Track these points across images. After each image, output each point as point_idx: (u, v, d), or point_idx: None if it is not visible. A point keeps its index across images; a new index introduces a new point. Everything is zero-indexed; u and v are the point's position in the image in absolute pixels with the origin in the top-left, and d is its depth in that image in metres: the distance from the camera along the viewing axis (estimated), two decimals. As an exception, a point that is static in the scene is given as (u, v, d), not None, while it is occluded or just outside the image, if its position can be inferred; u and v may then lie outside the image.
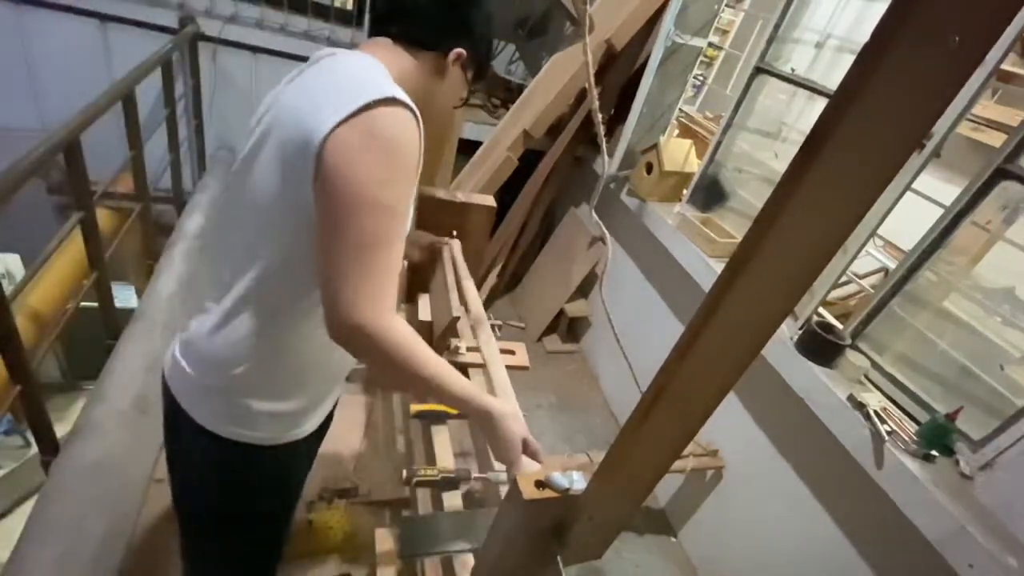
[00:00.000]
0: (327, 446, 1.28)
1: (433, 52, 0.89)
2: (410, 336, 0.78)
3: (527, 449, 0.89)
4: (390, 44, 0.87)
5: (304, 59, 0.92)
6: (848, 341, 1.72)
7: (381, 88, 0.74)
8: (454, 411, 1.32)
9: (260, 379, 0.89)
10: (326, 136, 0.71)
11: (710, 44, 2.58)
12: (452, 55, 0.89)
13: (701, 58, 2.60)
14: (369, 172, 0.72)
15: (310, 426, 1.01)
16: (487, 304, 1.43)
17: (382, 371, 0.79)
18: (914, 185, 1.58)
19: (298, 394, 0.94)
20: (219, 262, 0.87)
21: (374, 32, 0.91)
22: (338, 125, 0.71)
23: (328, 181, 0.72)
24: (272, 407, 0.92)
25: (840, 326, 1.76)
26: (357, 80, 0.77)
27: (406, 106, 0.75)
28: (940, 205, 1.56)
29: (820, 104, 2.11)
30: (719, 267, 2.11)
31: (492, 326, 1.45)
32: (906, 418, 1.57)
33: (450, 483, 1.15)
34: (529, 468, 0.87)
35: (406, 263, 1.80)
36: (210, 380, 0.89)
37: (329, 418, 1.16)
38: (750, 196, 2.45)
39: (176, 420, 0.94)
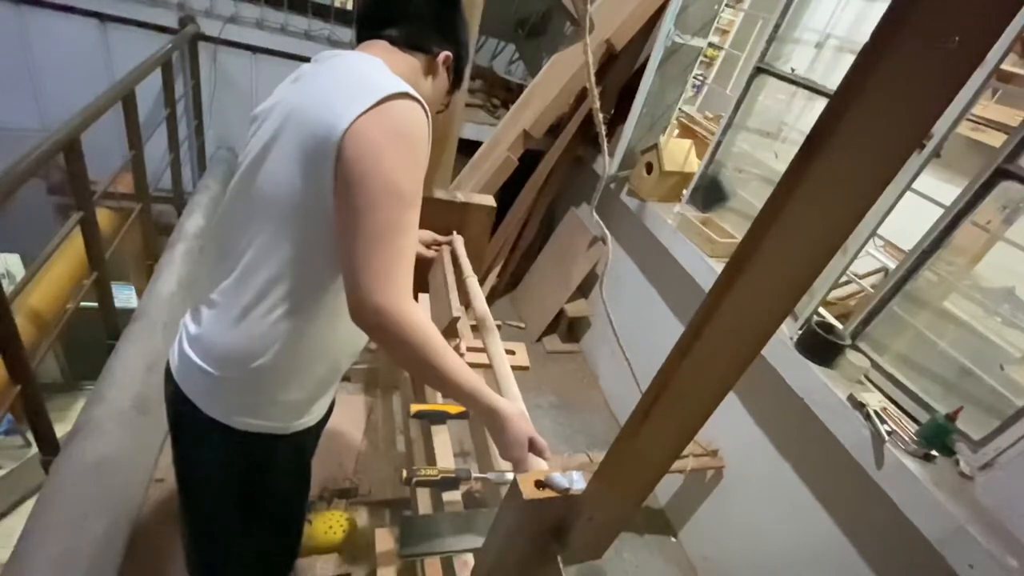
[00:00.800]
0: (327, 445, 1.28)
1: (426, 54, 0.93)
2: (427, 323, 0.80)
3: (534, 448, 0.90)
4: (387, 46, 0.91)
5: (304, 59, 0.93)
6: (848, 341, 1.72)
7: (394, 84, 0.78)
8: (454, 411, 1.32)
9: (278, 370, 0.91)
10: (347, 128, 0.74)
11: (710, 44, 2.58)
12: (441, 57, 0.95)
13: (701, 58, 2.59)
14: (390, 162, 0.75)
15: (318, 414, 1.05)
16: (487, 304, 1.44)
17: (398, 355, 0.81)
18: (914, 185, 1.58)
19: (310, 383, 0.97)
20: (229, 259, 0.88)
21: (366, 36, 0.93)
22: (358, 117, 0.74)
23: (350, 171, 0.75)
24: (286, 397, 0.95)
25: (840, 326, 1.76)
26: (369, 76, 0.80)
27: (418, 100, 0.80)
28: (940, 205, 1.56)
29: (820, 104, 2.11)
30: (719, 267, 2.11)
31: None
32: (906, 418, 1.57)
33: (450, 483, 1.15)
34: (536, 466, 0.88)
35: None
36: (227, 373, 0.90)
37: (330, 408, 1.17)
38: (750, 196, 2.45)
39: (184, 416, 0.95)
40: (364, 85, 0.78)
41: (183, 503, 1.09)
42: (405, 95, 0.78)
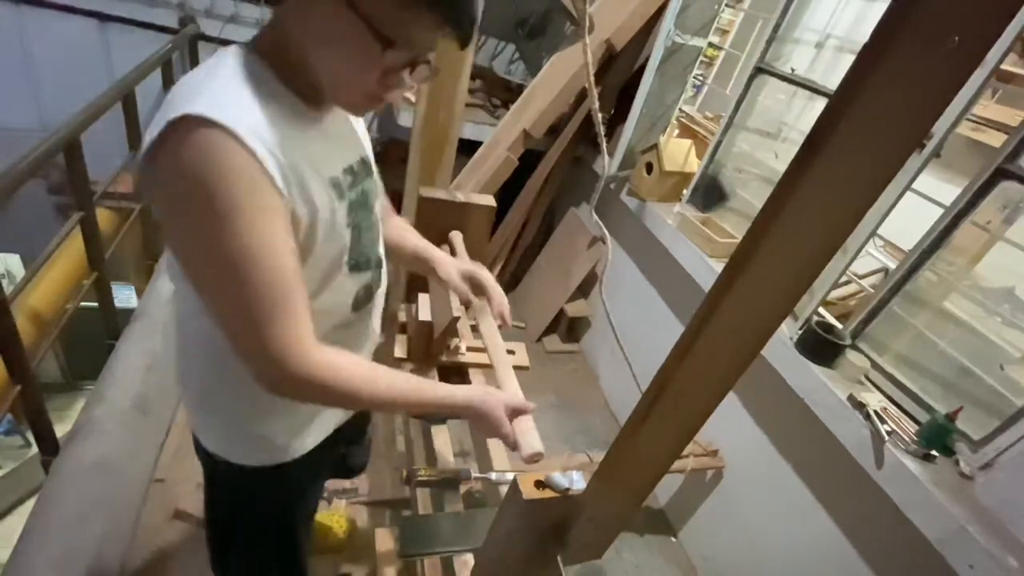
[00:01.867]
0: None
1: None
2: (338, 364, 0.69)
3: (514, 413, 0.84)
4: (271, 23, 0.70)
5: None
6: (848, 341, 1.72)
7: (181, 105, 0.57)
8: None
9: (240, 405, 0.85)
10: (140, 181, 0.64)
11: (710, 44, 2.57)
12: None
13: (701, 58, 2.59)
14: (188, 222, 0.59)
15: (309, 442, 0.94)
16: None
17: (328, 402, 0.76)
18: (914, 185, 1.58)
19: (278, 417, 0.87)
20: (174, 299, 0.83)
21: None
22: (143, 170, 0.60)
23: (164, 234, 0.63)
24: (262, 431, 0.87)
25: (840, 326, 1.76)
26: (167, 102, 0.61)
27: (210, 123, 0.56)
28: (940, 205, 1.56)
29: (820, 104, 2.11)
30: (719, 267, 2.10)
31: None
32: (906, 418, 1.56)
33: (450, 483, 1.15)
34: (526, 431, 0.82)
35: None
36: (197, 403, 0.89)
37: (353, 428, 1.09)
38: (750, 196, 2.45)
39: (194, 438, 0.94)
40: (156, 120, 0.59)
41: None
42: (184, 120, 0.56)
